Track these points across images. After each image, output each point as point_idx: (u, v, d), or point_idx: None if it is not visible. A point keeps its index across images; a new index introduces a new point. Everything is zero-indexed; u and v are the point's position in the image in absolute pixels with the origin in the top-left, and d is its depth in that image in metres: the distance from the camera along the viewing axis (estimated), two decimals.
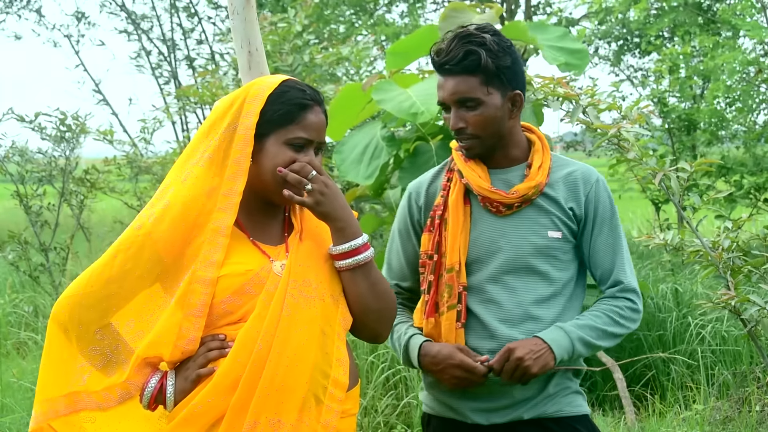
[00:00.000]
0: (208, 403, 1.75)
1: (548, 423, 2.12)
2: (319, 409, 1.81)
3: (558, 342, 2.05)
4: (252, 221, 1.90)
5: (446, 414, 2.19)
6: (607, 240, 2.15)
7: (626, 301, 2.15)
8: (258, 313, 1.78)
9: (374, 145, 4.38)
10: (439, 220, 2.16)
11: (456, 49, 2.03)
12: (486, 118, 2.06)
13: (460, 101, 2.06)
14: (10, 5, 15.43)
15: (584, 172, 2.17)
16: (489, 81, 2.05)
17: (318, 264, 1.87)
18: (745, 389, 4.40)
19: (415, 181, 2.30)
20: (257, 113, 1.82)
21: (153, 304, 1.81)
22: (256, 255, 1.85)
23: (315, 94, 1.88)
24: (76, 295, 1.80)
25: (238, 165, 1.81)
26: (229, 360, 1.76)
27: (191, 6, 15.00)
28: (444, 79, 2.08)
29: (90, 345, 1.80)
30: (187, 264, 1.79)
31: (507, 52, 2.06)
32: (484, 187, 2.11)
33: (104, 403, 1.80)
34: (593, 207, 2.14)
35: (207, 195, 1.81)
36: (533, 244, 2.11)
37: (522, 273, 2.11)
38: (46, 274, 7.20)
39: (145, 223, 1.80)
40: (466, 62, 2.03)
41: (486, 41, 2.03)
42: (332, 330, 1.85)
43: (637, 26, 10.20)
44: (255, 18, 3.05)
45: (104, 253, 1.83)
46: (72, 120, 7.24)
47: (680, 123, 8.21)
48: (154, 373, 1.81)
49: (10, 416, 4.44)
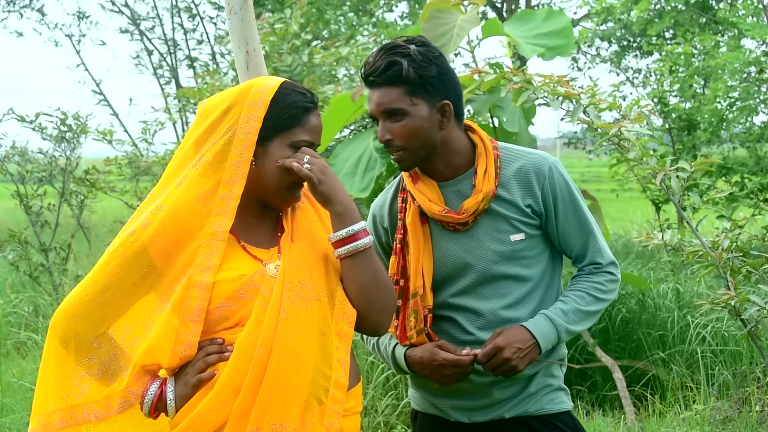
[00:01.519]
0: (210, 411, 1.74)
1: (530, 421, 2.14)
2: (322, 412, 1.80)
3: (545, 335, 2.06)
4: (244, 224, 1.88)
5: (431, 411, 2.22)
6: (573, 223, 2.14)
7: (606, 275, 2.16)
8: (255, 317, 1.77)
9: (368, 157, 4.37)
10: (400, 244, 2.15)
11: (380, 61, 2.03)
12: (412, 128, 2.04)
13: (386, 112, 2.05)
14: (12, 3, 15.44)
15: (535, 164, 2.12)
16: (413, 91, 2.03)
17: (312, 264, 1.86)
18: (745, 389, 4.39)
19: (377, 202, 2.29)
20: (261, 118, 1.81)
21: (148, 310, 1.79)
22: (247, 259, 1.84)
23: (313, 97, 1.90)
24: (71, 307, 1.78)
25: (237, 169, 1.80)
26: (230, 367, 1.75)
27: (193, 6, 15.01)
28: (371, 92, 2.07)
29: (87, 354, 1.78)
30: (182, 269, 1.77)
31: (433, 62, 2.04)
32: (435, 212, 2.10)
33: (104, 412, 1.78)
34: (551, 198, 2.12)
35: (202, 199, 1.79)
36: (498, 252, 2.10)
37: (494, 281, 2.11)
38: (46, 274, 7.20)
39: (137, 228, 1.79)
40: (388, 73, 2.01)
41: (410, 52, 2.02)
42: (330, 330, 1.84)
43: (639, 26, 10.20)
44: (253, 18, 3.04)
45: (98, 262, 1.82)
46: (73, 120, 7.25)
47: (680, 123, 8.20)
48: (153, 381, 1.79)
49: (10, 416, 4.44)
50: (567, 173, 2.18)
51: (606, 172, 10.45)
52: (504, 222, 2.10)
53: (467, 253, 2.11)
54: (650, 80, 9.29)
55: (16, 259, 7.10)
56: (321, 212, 1.98)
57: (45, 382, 1.79)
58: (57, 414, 1.77)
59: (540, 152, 2.19)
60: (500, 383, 2.12)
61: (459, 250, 2.11)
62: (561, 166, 2.17)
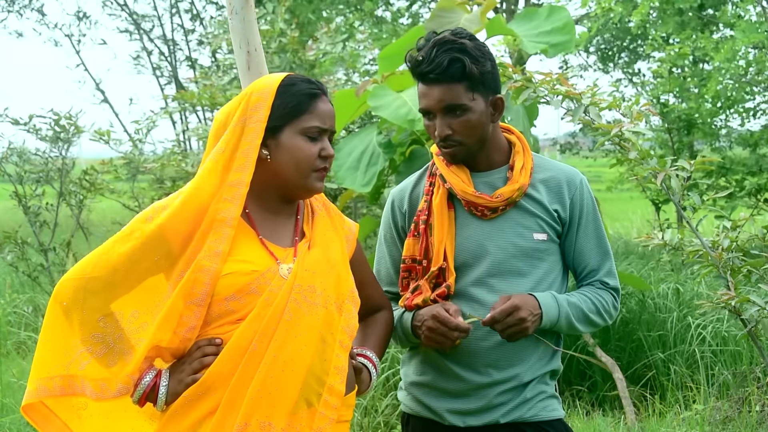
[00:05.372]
0: (198, 396, 1.75)
1: (524, 427, 2.13)
2: (311, 415, 1.81)
3: (549, 313, 2.07)
4: (264, 220, 1.89)
5: (424, 414, 2.20)
6: (593, 240, 2.19)
7: (612, 298, 2.21)
8: (257, 313, 1.78)
9: (371, 152, 4.37)
10: (424, 225, 2.16)
11: (438, 57, 2.03)
12: (472, 124, 2.07)
13: (447, 108, 2.06)
14: (12, 4, 15.44)
15: (568, 175, 2.18)
16: (474, 87, 2.05)
17: (324, 271, 1.87)
18: (745, 389, 4.39)
19: (398, 188, 2.31)
20: (269, 106, 1.83)
21: (158, 296, 1.80)
22: (263, 255, 1.84)
23: (320, 84, 1.90)
24: (81, 278, 1.77)
25: (246, 156, 1.81)
26: (222, 357, 1.76)
27: (193, 7, 15.00)
28: (428, 88, 2.07)
29: (93, 331, 1.78)
30: (192, 254, 1.78)
31: (487, 57, 2.08)
32: (469, 192, 2.11)
33: (100, 393, 1.79)
34: (578, 209, 2.17)
35: (215, 187, 1.81)
36: (519, 246, 2.11)
37: (507, 275, 2.11)
38: (45, 274, 7.19)
39: (156, 215, 1.79)
40: (451, 70, 2.03)
41: (467, 47, 2.04)
42: (333, 338, 1.85)
43: (637, 30, 10.20)
44: (254, 18, 3.04)
45: (112, 239, 1.81)
46: (66, 120, 7.24)
47: (680, 123, 8.21)
48: (148, 370, 1.80)
49: (10, 416, 4.44)
50: (593, 193, 2.24)
51: (606, 173, 10.45)
52: (531, 219, 2.13)
53: (488, 241, 2.12)
54: (650, 81, 9.30)
55: (14, 260, 7.09)
56: (335, 221, 2.00)
57: (46, 347, 1.79)
58: (57, 380, 1.78)
59: (571, 167, 2.24)
60: (498, 385, 2.11)
61: (481, 237, 2.12)
62: (588, 185, 2.23)
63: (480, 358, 2.10)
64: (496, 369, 2.11)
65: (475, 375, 2.11)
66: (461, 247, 2.13)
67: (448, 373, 2.14)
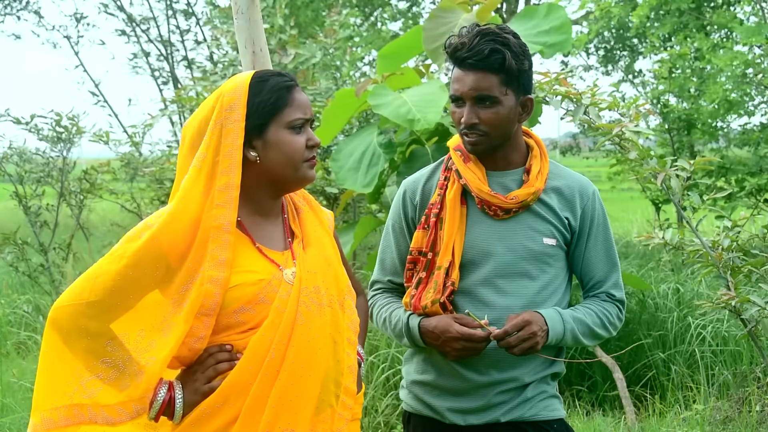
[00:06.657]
0: (217, 408, 1.73)
1: (525, 426, 2.14)
2: (331, 417, 1.80)
3: (555, 330, 2.08)
4: (255, 224, 1.86)
5: (425, 412, 2.21)
6: (602, 251, 2.19)
7: (617, 310, 2.21)
8: (271, 320, 1.75)
9: (371, 152, 4.36)
10: (435, 218, 2.16)
11: (480, 45, 2.03)
12: (500, 117, 2.07)
13: (478, 98, 2.06)
14: (9, 6, 15.43)
15: (581, 185, 2.19)
16: (508, 82, 2.05)
17: (324, 270, 1.87)
18: (745, 389, 4.39)
19: (411, 178, 2.30)
20: (244, 104, 1.79)
21: (160, 312, 1.75)
22: (264, 262, 1.82)
23: (291, 75, 1.88)
24: (78, 304, 1.71)
25: (231, 158, 1.78)
26: (240, 366, 1.74)
27: (189, 8, 14.97)
28: (463, 73, 2.07)
29: (102, 357, 1.71)
30: (192, 266, 1.74)
31: (527, 56, 2.08)
32: (484, 190, 2.11)
33: (117, 417, 1.71)
34: (589, 220, 2.18)
35: (203, 194, 1.77)
36: (528, 249, 2.12)
37: (514, 277, 2.11)
38: (45, 275, 7.19)
39: (146, 231, 1.74)
40: (490, 60, 2.03)
41: (509, 42, 2.05)
42: (341, 337, 1.84)
43: (636, 30, 10.21)
44: (259, 18, 3.02)
45: (103, 260, 1.76)
46: (67, 120, 7.24)
47: (679, 123, 8.22)
48: (160, 385, 1.75)
49: (10, 416, 4.44)
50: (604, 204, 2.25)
51: (606, 173, 10.45)
52: (542, 223, 2.13)
53: (498, 241, 2.12)
54: (650, 81, 9.30)
55: (14, 260, 7.08)
56: (321, 216, 1.98)
57: (47, 377, 1.73)
58: (62, 410, 1.70)
59: (584, 177, 2.24)
60: (499, 385, 2.12)
61: (491, 237, 2.12)
62: (600, 196, 2.23)
63: (482, 358, 2.10)
64: (497, 369, 2.12)
65: (476, 374, 2.12)
66: (470, 244, 2.13)
67: (449, 372, 2.15)
